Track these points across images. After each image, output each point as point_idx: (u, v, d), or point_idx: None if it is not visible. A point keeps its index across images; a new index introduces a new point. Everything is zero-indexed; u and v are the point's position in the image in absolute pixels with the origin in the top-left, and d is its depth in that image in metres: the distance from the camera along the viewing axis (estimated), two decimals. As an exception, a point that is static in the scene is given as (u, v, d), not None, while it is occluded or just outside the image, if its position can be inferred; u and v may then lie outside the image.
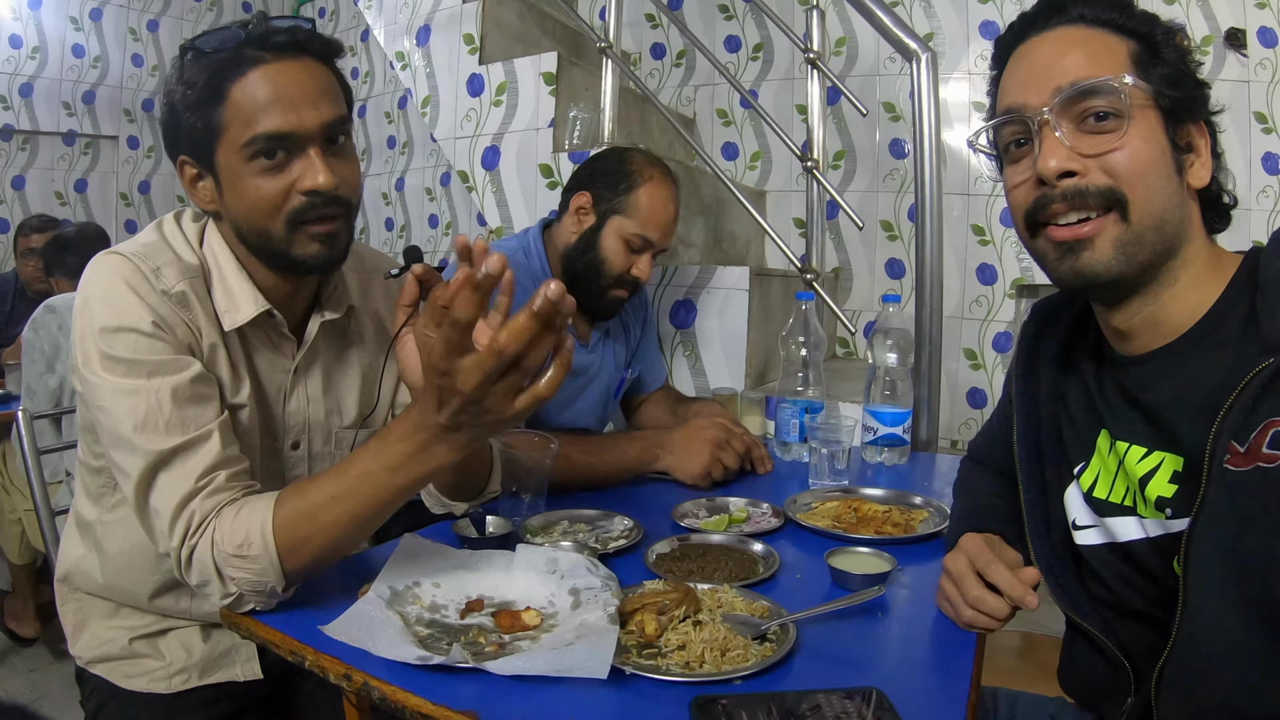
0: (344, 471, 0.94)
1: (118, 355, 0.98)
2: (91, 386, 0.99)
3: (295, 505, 0.94)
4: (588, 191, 1.76)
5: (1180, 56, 0.86)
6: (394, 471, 0.92)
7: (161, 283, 1.03)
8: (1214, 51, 3.01)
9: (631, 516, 1.31)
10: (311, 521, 0.93)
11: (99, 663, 1.20)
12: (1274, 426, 0.75)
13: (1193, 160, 0.87)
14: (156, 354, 0.99)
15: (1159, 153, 0.85)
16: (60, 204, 4.63)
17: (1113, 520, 0.94)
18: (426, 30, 2.88)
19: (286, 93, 1.00)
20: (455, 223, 4.19)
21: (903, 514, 1.36)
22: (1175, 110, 0.86)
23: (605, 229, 1.73)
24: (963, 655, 0.93)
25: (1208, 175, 0.88)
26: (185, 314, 1.04)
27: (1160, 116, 0.85)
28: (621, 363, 1.97)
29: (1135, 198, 0.84)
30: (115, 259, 1.03)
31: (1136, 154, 0.84)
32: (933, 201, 2.02)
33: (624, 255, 1.73)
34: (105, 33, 4.76)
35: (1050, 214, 0.88)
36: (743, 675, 0.84)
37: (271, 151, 1.01)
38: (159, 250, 1.07)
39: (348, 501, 0.93)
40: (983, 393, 3.34)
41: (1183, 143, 0.87)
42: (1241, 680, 0.77)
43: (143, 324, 0.99)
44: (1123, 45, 0.87)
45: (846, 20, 3.51)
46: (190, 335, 1.04)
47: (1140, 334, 0.91)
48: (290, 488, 0.98)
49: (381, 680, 0.82)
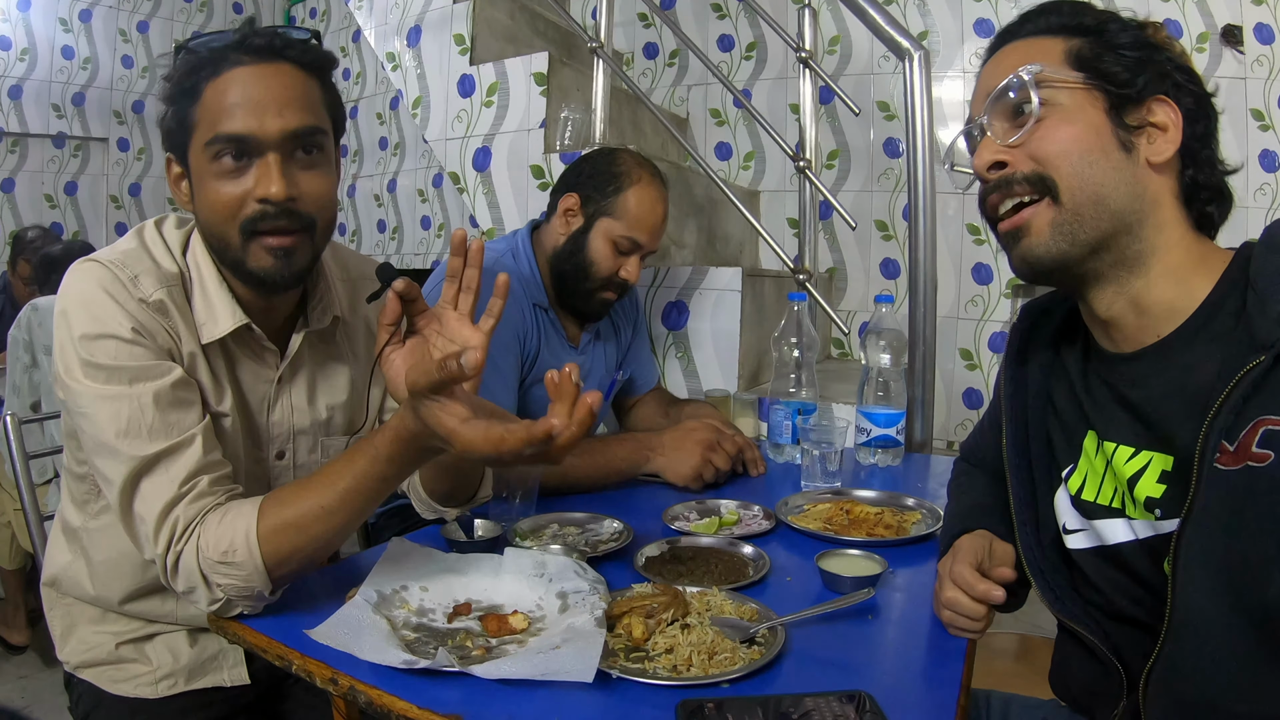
0: (333, 482, 0.94)
1: (98, 362, 0.97)
2: (73, 394, 0.99)
3: (282, 514, 0.94)
4: (575, 193, 1.75)
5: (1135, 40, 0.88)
6: (385, 480, 0.94)
7: (139, 290, 1.02)
8: (1210, 48, 3.01)
9: (621, 519, 1.30)
10: (301, 533, 0.94)
11: (86, 668, 1.19)
12: (1264, 425, 0.74)
13: (1153, 136, 0.87)
14: (137, 360, 0.99)
15: (1088, 131, 0.87)
16: (50, 207, 4.62)
17: (1101, 523, 0.94)
18: (417, 31, 2.87)
19: (253, 96, 0.98)
20: (447, 224, 4.19)
21: (895, 516, 1.36)
22: (1120, 89, 0.87)
23: (593, 231, 1.72)
24: (953, 659, 0.92)
25: (1171, 149, 0.87)
26: (165, 322, 1.03)
27: (1100, 98, 0.87)
28: (612, 364, 1.97)
29: (1061, 177, 0.87)
30: (92, 266, 1.02)
31: (1058, 135, 0.87)
32: (926, 201, 2.02)
33: (612, 257, 1.72)
34: (95, 34, 4.74)
35: (991, 207, 0.93)
36: (730, 678, 0.83)
37: (234, 154, 0.99)
38: (137, 257, 1.05)
39: (339, 514, 0.94)
40: (978, 393, 3.34)
41: (1133, 121, 0.87)
42: (1231, 682, 0.77)
43: (122, 330, 0.98)
44: (1061, 44, 0.90)
45: (840, 19, 3.51)
46: (170, 342, 1.03)
47: (1125, 324, 0.91)
48: (276, 494, 0.97)
49: (368, 684, 0.82)
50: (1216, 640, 0.77)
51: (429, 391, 0.85)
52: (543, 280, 1.78)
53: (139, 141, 4.97)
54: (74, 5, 4.65)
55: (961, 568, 0.98)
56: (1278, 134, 3.00)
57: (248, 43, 0.99)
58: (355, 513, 0.94)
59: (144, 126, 4.98)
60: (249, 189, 0.99)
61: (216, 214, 1.01)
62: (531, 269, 1.77)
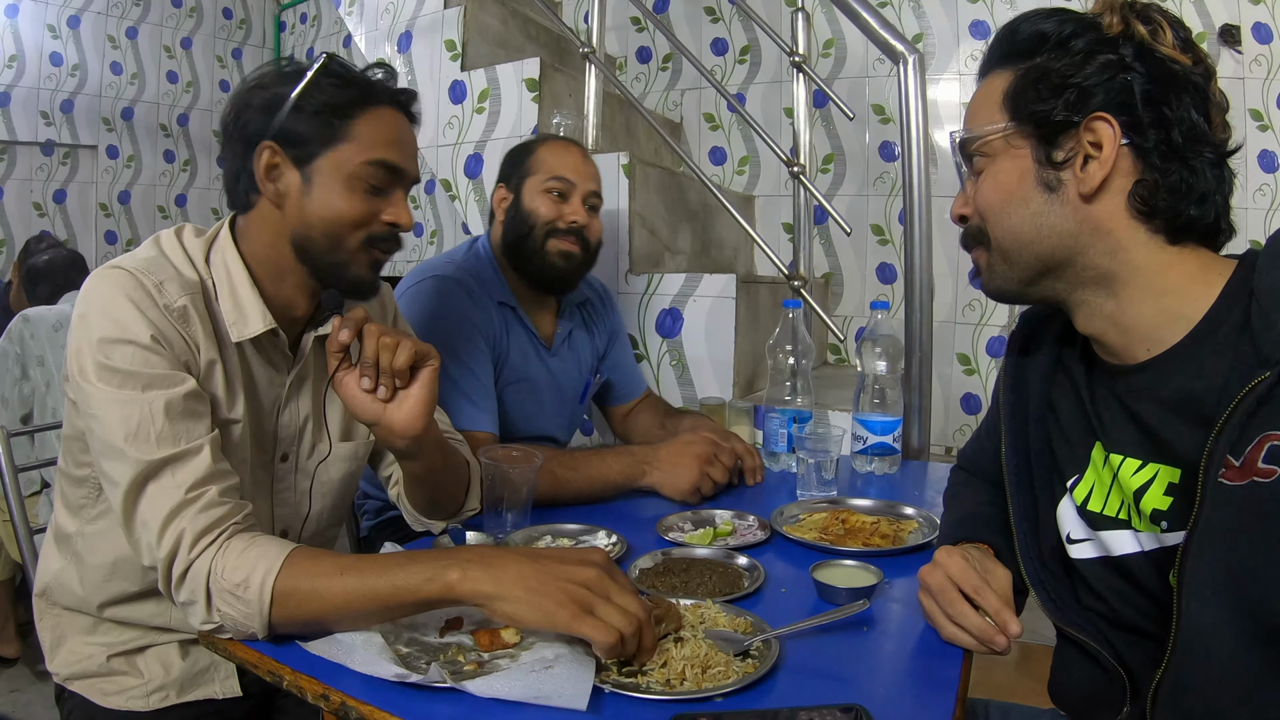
0: (373, 577, 0.91)
1: (115, 366, 0.99)
2: (85, 395, 1.00)
3: (307, 578, 0.92)
4: (500, 183, 1.85)
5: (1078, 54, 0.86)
6: (417, 608, 0.93)
7: (164, 297, 1.04)
8: (1208, 48, 2.99)
9: (615, 531, 1.29)
10: (315, 604, 0.92)
11: (77, 679, 1.19)
12: (1270, 440, 0.73)
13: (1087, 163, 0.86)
14: (152, 368, 1.00)
15: (1010, 182, 0.91)
16: (39, 215, 4.58)
17: (1107, 534, 0.93)
18: (408, 36, 2.86)
19: (405, 139, 1.16)
20: (440, 231, 4.17)
21: (891, 525, 1.35)
22: (1046, 123, 0.87)
23: (523, 195, 1.79)
24: (949, 669, 0.91)
25: (1100, 174, 0.85)
26: (185, 329, 1.05)
27: (1028, 136, 0.89)
28: (586, 367, 1.96)
29: (991, 228, 0.94)
30: (117, 273, 1.04)
31: (984, 189, 0.94)
32: (922, 205, 2.01)
33: (550, 204, 1.77)
34: (83, 40, 4.70)
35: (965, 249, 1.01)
36: (724, 692, 0.82)
37: (382, 180, 1.12)
38: (160, 265, 1.08)
39: (360, 606, 0.91)
40: (977, 398, 3.33)
41: (1059, 156, 0.87)
42: (1239, 696, 0.76)
43: (141, 337, 1.00)
44: (1004, 81, 0.91)
45: (835, 22, 3.50)
46: (188, 351, 1.05)
47: (1110, 340, 0.90)
48: (310, 553, 0.95)
49: (359, 700, 0.81)
50: (1223, 656, 0.76)
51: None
52: (505, 277, 1.80)
53: (128, 149, 4.93)
54: (62, 11, 4.61)
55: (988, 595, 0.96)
56: (1276, 134, 2.98)
57: (399, 94, 1.17)
58: (375, 615, 0.92)
59: (133, 134, 4.94)
60: (378, 210, 1.13)
61: (344, 220, 1.11)
62: (493, 266, 1.80)
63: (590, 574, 0.87)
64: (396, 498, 1.33)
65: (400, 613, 0.93)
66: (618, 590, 0.88)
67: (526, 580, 0.86)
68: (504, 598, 0.86)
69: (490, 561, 0.89)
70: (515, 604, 0.85)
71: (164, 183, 5.10)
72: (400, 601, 0.90)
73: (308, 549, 0.96)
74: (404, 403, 1.11)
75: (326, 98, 1.09)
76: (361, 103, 1.11)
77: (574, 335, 1.92)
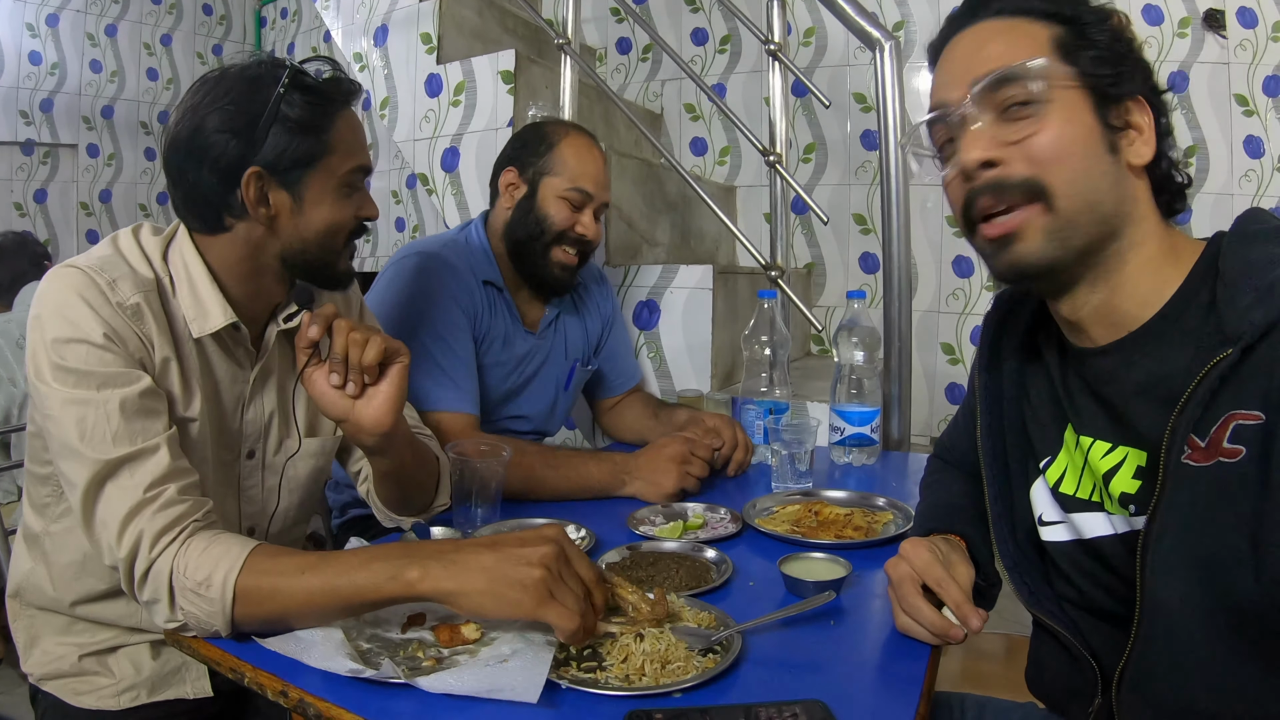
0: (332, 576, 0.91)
1: (69, 366, 0.98)
2: (42, 396, 1.00)
3: (269, 577, 0.92)
4: (512, 166, 1.78)
5: (1112, 35, 0.85)
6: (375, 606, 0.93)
7: (117, 295, 1.03)
8: (1192, 33, 2.98)
9: (585, 525, 1.28)
10: (277, 601, 0.92)
11: (50, 679, 1.19)
12: (1235, 420, 0.73)
13: (1133, 138, 0.85)
14: (107, 366, 1.00)
15: (1084, 133, 0.84)
16: (19, 215, 4.53)
17: (1079, 516, 0.93)
18: (384, 30, 2.83)
19: (363, 136, 1.17)
20: (421, 226, 4.15)
21: (865, 517, 1.34)
22: (1106, 89, 0.84)
23: (539, 194, 1.75)
24: (914, 664, 0.91)
25: (1150, 152, 0.85)
26: (139, 327, 1.04)
27: (1089, 97, 0.84)
28: (575, 353, 1.94)
29: (1057, 183, 0.83)
30: (70, 271, 1.03)
31: (1057, 137, 0.83)
32: (900, 193, 2.00)
33: (566, 213, 1.74)
34: (62, 39, 4.65)
35: (979, 210, 0.87)
36: (682, 688, 0.82)
37: (357, 180, 1.15)
38: (114, 263, 1.07)
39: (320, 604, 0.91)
40: (961, 388, 3.32)
41: (1117, 122, 0.85)
42: (1204, 682, 0.76)
43: (94, 336, 1.00)
44: (1044, 30, 0.86)
45: (815, 10, 3.48)
46: (142, 349, 1.04)
47: (1091, 326, 0.90)
48: (271, 551, 0.95)
49: (317, 697, 0.81)
50: (1188, 640, 0.76)
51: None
52: (496, 259, 1.78)
53: (109, 147, 4.89)
54: (41, 10, 4.56)
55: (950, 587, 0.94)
56: (1262, 119, 2.96)
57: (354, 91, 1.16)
58: (337, 612, 0.92)
59: (113, 132, 4.89)
60: (355, 209, 1.16)
61: (335, 228, 1.14)
62: (484, 247, 1.78)
63: (547, 550, 0.87)
64: (366, 494, 1.32)
65: (362, 610, 0.93)
66: (575, 558, 0.90)
67: (487, 572, 0.86)
68: (465, 593, 0.86)
69: (450, 558, 0.88)
70: (477, 598, 0.85)
71: (145, 181, 5.06)
72: (362, 600, 0.90)
73: (270, 546, 0.96)
74: (373, 399, 1.10)
75: (303, 114, 1.08)
76: (332, 111, 1.11)
77: (562, 319, 1.89)
